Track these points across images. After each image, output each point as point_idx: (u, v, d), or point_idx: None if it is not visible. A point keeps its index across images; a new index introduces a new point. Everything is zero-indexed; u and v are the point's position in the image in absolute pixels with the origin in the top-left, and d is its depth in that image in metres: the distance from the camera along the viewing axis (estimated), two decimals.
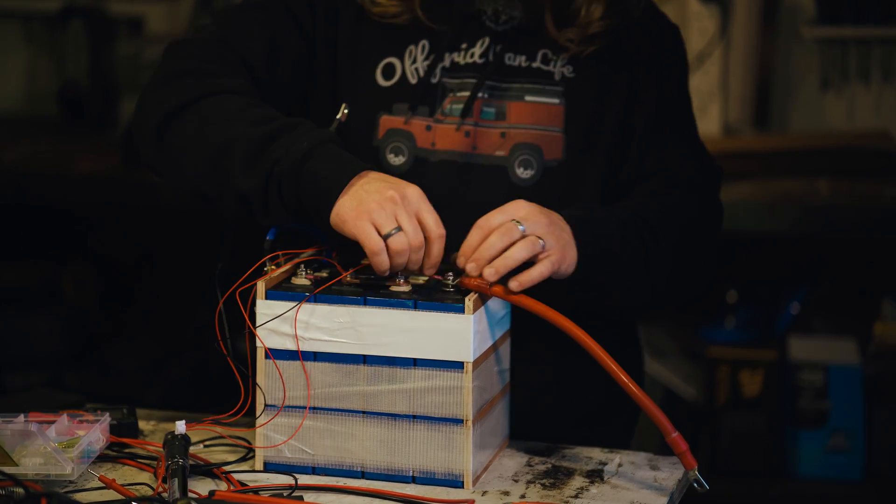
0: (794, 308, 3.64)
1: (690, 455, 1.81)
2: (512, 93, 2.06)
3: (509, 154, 2.05)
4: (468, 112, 2.06)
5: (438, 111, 2.07)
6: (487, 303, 1.83)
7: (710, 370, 3.59)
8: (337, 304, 1.81)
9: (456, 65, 2.08)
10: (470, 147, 2.06)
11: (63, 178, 3.67)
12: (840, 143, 3.55)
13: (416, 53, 2.09)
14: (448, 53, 2.08)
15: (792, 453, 3.53)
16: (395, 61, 2.10)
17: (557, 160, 2.05)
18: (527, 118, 2.06)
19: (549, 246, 1.83)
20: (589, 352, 1.79)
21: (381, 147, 2.08)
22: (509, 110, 2.07)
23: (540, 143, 2.05)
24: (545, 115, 2.05)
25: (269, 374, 1.84)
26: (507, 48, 2.07)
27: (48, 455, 1.77)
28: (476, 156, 2.06)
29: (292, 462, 1.85)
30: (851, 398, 3.51)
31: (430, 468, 1.81)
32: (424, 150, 2.07)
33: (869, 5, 3.70)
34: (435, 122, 2.07)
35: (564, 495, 1.79)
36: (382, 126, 2.09)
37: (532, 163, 2.05)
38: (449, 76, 2.08)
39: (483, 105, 2.07)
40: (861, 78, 3.80)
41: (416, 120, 2.08)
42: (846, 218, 3.24)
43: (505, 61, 2.07)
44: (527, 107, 2.06)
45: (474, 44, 2.08)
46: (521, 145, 2.05)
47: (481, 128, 2.06)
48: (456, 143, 2.06)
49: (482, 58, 2.08)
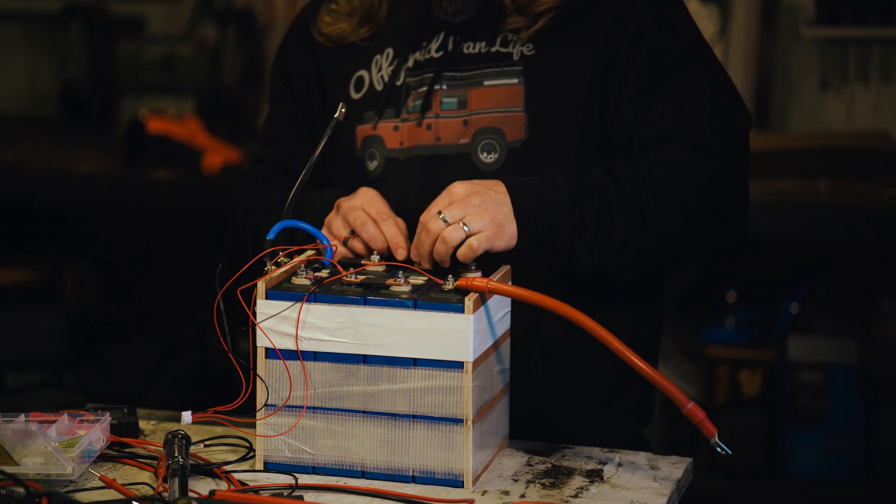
0: (794, 308, 3.64)
1: (709, 422, 1.82)
2: (472, 80, 2.08)
3: (472, 140, 2.06)
4: (428, 106, 2.08)
5: (404, 110, 2.10)
6: (487, 303, 1.83)
7: (710, 370, 3.60)
8: (337, 304, 1.82)
9: (417, 63, 2.11)
10: (434, 139, 2.08)
11: (63, 178, 3.68)
12: (839, 143, 3.56)
13: (381, 62, 2.14)
14: (411, 54, 2.11)
15: (791, 453, 3.53)
16: (363, 73, 2.15)
17: (521, 140, 2.05)
18: (487, 102, 2.07)
19: (474, 228, 1.87)
20: (595, 335, 1.80)
21: (361, 156, 2.13)
22: (470, 97, 2.08)
23: (501, 125, 2.06)
24: (505, 96, 2.06)
25: (269, 373, 1.84)
26: (465, 38, 2.09)
27: (49, 455, 1.78)
28: (441, 147, 2.08)
29: (292, 462, 1.85)
30: (851, 398, 3.52)
31: (430, 468, 1.81)
32: (394, 150, 2.10)
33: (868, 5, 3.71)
34: (401, 121, 2.10)
35: (564, 495, 1.79)
36: (359, 136, 2.14)
37: (494, 146, 2.06)
38: (411, 75, 2.10)
39: (443, 97, 2.08)
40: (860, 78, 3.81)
41: (383, 123, 2.11)
42: (845, 218, 3.25)
43: (463, 50, 2.09)
44: (486, 91, 2.07)
45: (432, 40, 2.10)
46: (483, 130, 2.06)
47: (443, 119, 2.08)
48: (421, 139, 2.09)
49: (439, 51, 2.09)
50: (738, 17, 3.77)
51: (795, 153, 3.48)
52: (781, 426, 3.54)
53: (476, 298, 1.79)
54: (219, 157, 3.60)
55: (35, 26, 4.40)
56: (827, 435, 3.52)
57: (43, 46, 4.40)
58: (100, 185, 3.66)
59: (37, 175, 3.72)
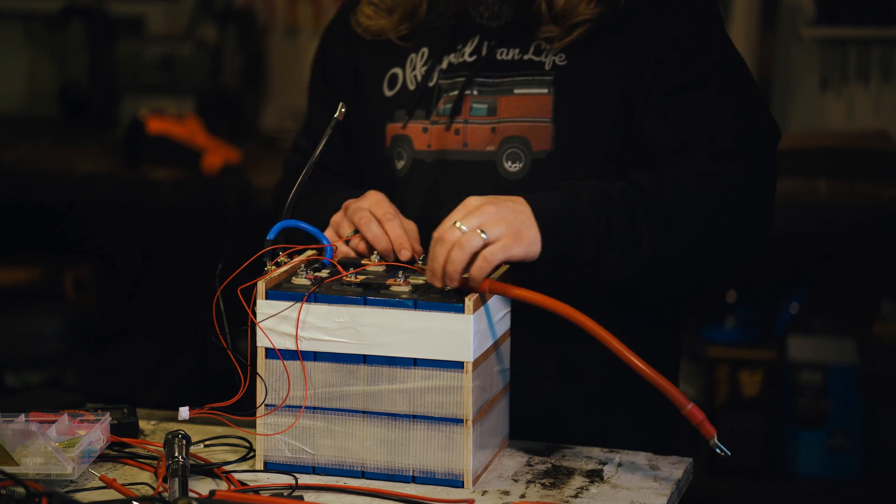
0: (794, 308, 3.64)
1: (709, 423, 1.81)
2: (503, 87, 2.07)
3: (498, 148, 2.06)
4: (457, 111, 2.08)
5: (434, 112, 2.09)
6: (487, 303, 1.83)
7: (710, 370, 3.60)
8: (337, 304, 1.82)
9: (451, 65, 2.10)
10: (461, 144, 2.07)
11: (63, 178, 3.68)
12: (839, 143, 3.56)
13: (416, 61, 2.13)
14: (446, 56, 2.10)
15: (791, 453, 3.54)
16: (398, 71, 2.14)
17: (546, 151, 2.05)
18: (516, 111, 2.06)
19: (492, 235, 1.82)
20: (595, 336, 1.80)
21: (390, 155, 2.13)
22: (499, 105, 2.07)
23: (528, 134, 2.05)
24: (534, 106, 2.05)
25: (269, 373, 1.84)
26: (499, 44, 2.08)
27: (49, 455, 1.78)
28: (467, 152, 2.07)
29: (292, 462, 1.85)
30: (851, 398, 3.52)
31: (430, 468, 1.81)
32: (422, 151, 2.10)
33: (868, 5, 3.71)
34: (431, 123, 2.10)
35: (564, 495, 1.79)
36: (389, 134, 2.14)
37: (520, 155, 2.05)
38: (444, 77, 2.10)
39: (473, 102, 2.08)
40: (860, 78, 3.81)
41: (412, 124, 2.11)
42: (845, 218, 3.25)
43: (497, 56, 2.08)
44: (515, 100, 2.06)
45: (467, 43, 2.10)
46: (510, 139, 2.06)
47: (472, 125, 2.07)
48: (448, 143, 2.08)
49: (472, 55, 2.09)
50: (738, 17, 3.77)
51: (795, 153, 3.48)
52: (781, 426, 3.54)
53: (476, 298, 1.79)
54: (219, 158, 3.60)
55: (35, 26, 4.40)
56: (827, 435, 3.52)
57: (43, 46, 4.40)
58: (100, 185, 3.66)
59: (37, 175, 3.72)
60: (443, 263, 1.81)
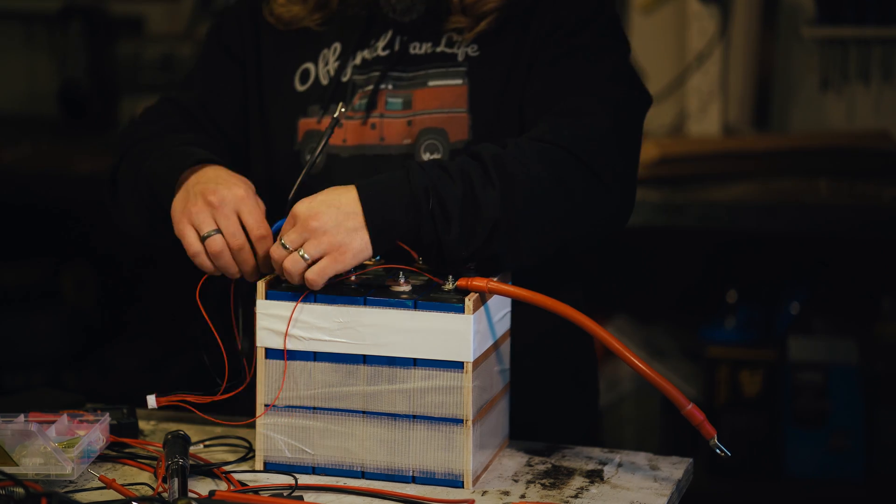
0: (794, 308, 3.64)
1: (708, 424, 1.82)
2: (417, 80, 2.08)
3: (415, 141, 2.06)
4: (373, 105, 2.08)
5: (349, 108, 2.09)
6: (487, 303, 1.83)
7: (710, 370, 3.59)
8: (337, 304, 1.81)
9: (365, 61, 2.11)
10: (378, 139, 2.08)
11: (63, 178, 3.68)
12: (840, 143, 3.55)
13: (328, 56, 2.13)
14: (359, 51, 2.11)
15: (792, 453, 3.53)
16: (310, 66, 2.14)
17: (463, 141, 2.05)
18: (431, 103, 2.07)
19: (314, 255, 1.80)
20: (595, 336, 1.80)
21: (301, 150, 2.12)
22: (415, 98, 2.08)
23: (445, 125, 2.06)
24: (449, 97, 2.06)
25: (268, 373, 1.84)
26: (412, 38, 2.09)
27: (48, 455, 1.77)
28: (385, 146, 2.08)
29: (292, 462, 1.85)
30: (851, 398, 3.51)
31: (430, 468, 1.81)
32: (336, 146, 2.09)
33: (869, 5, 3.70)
34: (346, 118, 2.09)
35: (564, 495, 1.79)
36: (301, 129, 2.12)
37: (437, 146, 2.05)
38: (358, 73, 2.10)
39: (388, 96, 2.08)
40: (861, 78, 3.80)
41: (327, 119, 2.10)
42: (846, 218, 3.24)
43: (410, 51, 2.09)
44: (430, 92, 2.07)
45: (379, 38, 2.10)
46: (426, 130, 2.06)
47: (387, 119, 2.08)
48: (365, 137, 2.08)
49: (385, 50, 2.10)
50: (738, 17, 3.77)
51: (795, 153, 3.48)
52: (781, 426, 3.54)
53: (476, 298, 1.79)
54: None
55: (35, 26, 4.40)
56: (827, 435, 3.51)
57: (43, 46, 4.40)
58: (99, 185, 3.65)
59: (37, 175, 3.72)
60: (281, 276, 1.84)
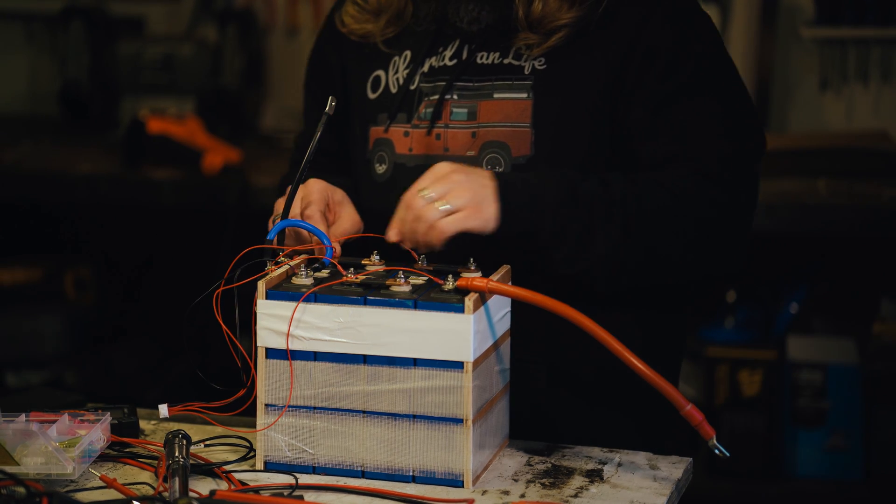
0: (794, 308, 3.64)
1: (707, 424, 1.82)
2: (483, 91, 2.06)
3: (478, 153, 2.06)
4: (438, 115, 2.08)
5: (415, 116, 2.10)
6: (487, 303, 1.83)
7: (710, 370, 3.60)
8: (337, 304, 1.82)
9: (433, 69, 2.10)
10: (442, 149, 2.08)
11: (64, 178, 3.68)
12: (839, 143, 3.56)
13: (398, 63, 2.13)
14: (428, 59, 2.11)
15: (791, 453, 3.54)
16: (381, 73, 2.15)
17: (526, 156, 2.04)
18: (495, 116, 2.06)
19: (455, 205, 1.87)
20: (594, 336, 1.80)
21: (371, 158, 2.13)
22: (479, 109, 2.07)
23: (508, 140, 2.05)
24: (513, 110, 2.05)
25: (269, 373, 1.84)
26: (479, 47, 2.08)
27: (49, 454, 1.78)
28: (448, 157, 2.06)
29: (292, 462, 1.85)
30: (850, 398, 3.52)
31: (430, 468, 1.81)
32: (403, 155, 2.10)
33: (868, 6, 3.71)
34: (412, 127, 2.10)
35: (564, 495, 1.79)
36: (371, 137, 2.14)
37: (500, 160, 2.05)
38: (425, 81, 2.10)
39: (453, 106, 2.08)
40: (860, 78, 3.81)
41: (394, 127, 2.11)
42: (845, 218, 3.25)
43: (477, 60, 2.08)
44: (495, 104, 2.06)
45: (447, 46, 2.10)
46: (490, 143, 2.06)
47: (452, 129, 2.07)
48: (429, 147, 2.08)
49: (453, 59, 2.09)
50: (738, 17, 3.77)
51: (795, 153, 3.48)
52: (781, 426, 3.54)
53: (476, 298, 1.80)
54: (219, 158, 3.60)
55: (35, 26, 4.40)
56: (827, 435, 3.52)
57: (43, 46, 4.40)
58: (100, 185, 3.66)
59: (37, 175, 3.72)
60: (411, 228, 1.88)
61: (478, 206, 1.88)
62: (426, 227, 1.87)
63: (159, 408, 1.86)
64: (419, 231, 1.87)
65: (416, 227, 1.87)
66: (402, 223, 1.90)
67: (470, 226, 1.88)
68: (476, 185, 1.89)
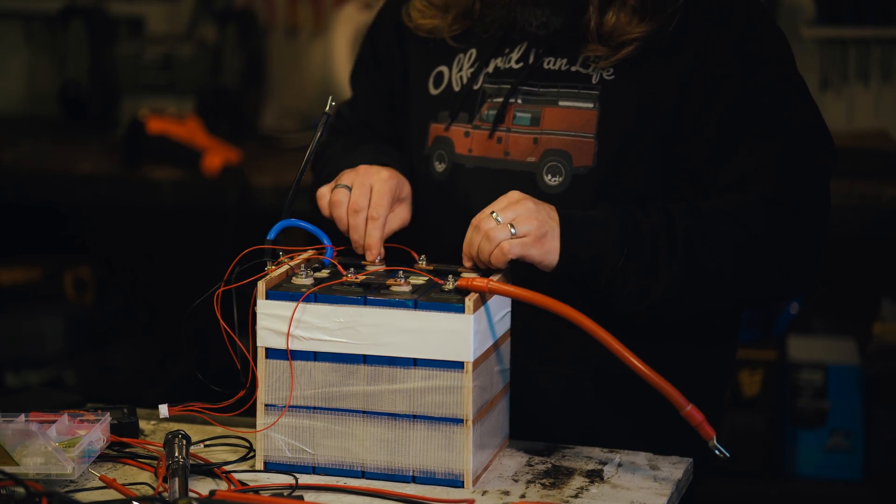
0: (794, 308, 3.64)
1: (708, 424, 1.82)
2: (548, 97, 2.05)
3: (539, 160, 2.04)
4: (501, 118, 2.07)
5: (477, 117, 2.08)
6: (487, 303, 1.83)
7: None
8: (337, 304, 1.82)
9: (498, 70, 2.09)
10: (502, 153, 2.06)
11: (63, 178, 3.68)
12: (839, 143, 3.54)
13: (463, 61, 2.12)
14: (493, 59, 2.09)
15: (791, 453, 3.53)
16: (444, 70, 2.14)
17: (587, 167, 2.02)
18: (559, 124, 2.04)
19: (520, 231, 1.88)
20: (594, 336, 1.80)
21: (430, 154, 2.12)
22: (543, 116, 2.05)
23: (570, 149, 2.03)
24: (577, 120, 2.03)
25: (269, 373, 1.84)
26: (547, 52, 2.06)
27: (49, 455, 1.78)
28: (508, 161, 2.06)
29: (292, 462, 1.85)
30: (851, 398, 3.52)
31: (430, 468, 1.81)
32: (462, 156, 2.09)
33: (868, 5, 3.71)
34: (473, 128, 2.09)
35: (564, 495, 1.79)
36: (431, 134, 2.13)
37: (560, 169, 2.03)
38: (490, 82, 2.09)
39: (517, 110, 2.06)
40: (860, 78, 3.81)
41: (455, 126, 2.10)
42: (846, 218, 3.24)
43: (544, 65, 2.06)
44: (560, 112, 2.04)
45: (514, 49, 2.09)
46: (551, 151, 2.04)
47: (514, 133, 2.06)
48: (489, 150, 2.07)
49: (519, 62, 2.07)
50: None
51: None
52: (781, 426, 3.54)
53: (476, 298, 1.79)
54: (219, 158, 3.59)
55: (35, 26, 4.40)
56: (827, 435, 3.52)
57: (43, 46, 4.40)
58: (100, 185, 3.66)
59: (37, 175, 3.72)
60: (476, 249, 1.89)
61: (542, 237, 1.89)
62: (491, 246, 1.87)
63: (159, 408, 1.86)
64: (484, 250, 1.88)
65: (482, 247, 1.88)
66: (471, 245, 1.90)
67: (531, 253, 1.88)
68: (543, 216, 1.90)
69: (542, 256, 1.89)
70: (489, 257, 1.88)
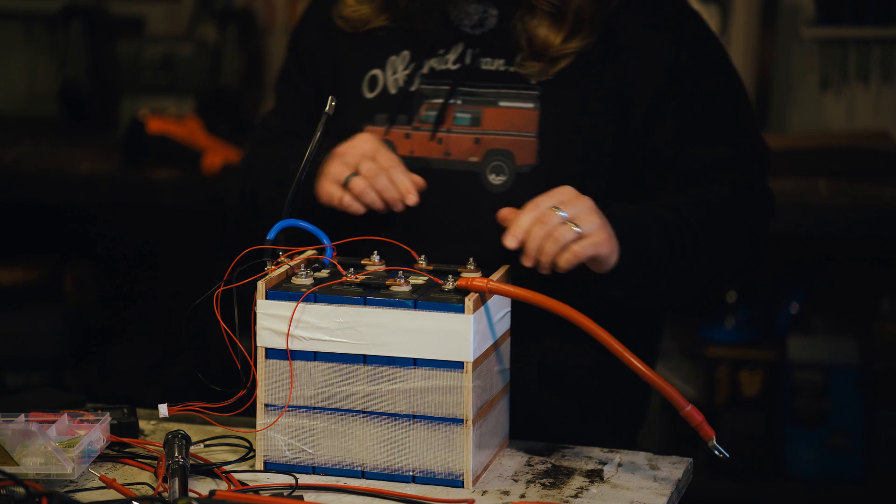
0: (794, 308, 3.64)
1: (707, 425, 1.82)
2: (487, 98, 2.06)
3: (482, 160, 2.06)
4: (441, 119, 2.07)
5: (416, 119, 2.09)
6: (487, 303, 1.83)
7: (710, 370, 3.60)
8: (337, 304, 1.82)
9: (434, 71, 2.09)
10: (443, 153, 2.07)
11: (63, 178, 3.68)
12: (839, 143, 3.56)
13: (396, 63, 2.12)
14: (427, 60, 2.10)
15: (791, 453, 3.53)
16: (378, 73, 2.13)
17: (530, 165, 2.04)
18: (500, 124, 2.05)
19: (586, 230, 1.85)
20: (594, 336, 1.80)
21: None
22: (483, 116, 2.06)
23: (512, 148, 2.05)
24: (519, 120, 2.04)
25: (269, 373, 1.84)
26: (484, 52, 2.07)
27: (49, 455, 1.78)
28: (450, 161, 2.07)
29: (292, 462, 1.85)
30: (850, 398, 3.52)
31: (430, 468, 1.81)
32: (403, 157, 2.09)
33: (868, 5, 3.71)
34: (413, 129, 2.09)
35: (564, 495, 1.79)
36: None
37: (504, 168, 2.05)
38: (426, 83, 2.09)
39: (457, 111, 2.07)
40: (860, 78, 3.81)
41: (395, 129, 2.10)
42: (846, 218, 3.25)
43: (481, 66, 2.07)
44: (500, 112, 2.06)
45: (450, 49, 2.09)
46: (494, 151, 2.05)
47: (454, 134, 2.07)
48: (431, 151, 2.08)
49: (456, 63, 2.08)
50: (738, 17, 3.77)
51: (795, 153, 3.48)
52: (781, 426, 3.54)
53: (476, 298, 1.79)
54: (219, 157, 3.60)
55: (35, 26, 4.40)
56: (827, 435, 3.52)
57: (43, 46, 4.40)
58: (100, 185, 3.66)
59: (37, 175, 3.72)
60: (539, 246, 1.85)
61: (609, 235, 1.88)
62: (558, 247, 1.84)
63: (159, 408, 1.86)
64: (548, 250, 1.85)
65: (545, 245, 1.85)
66: (530, 236, 1.86)
67: (601, 253, 1.87)
68: (599, 213, 1.88)
69: (608, 255, 1.88)
70: (555, 258, 1.85)
